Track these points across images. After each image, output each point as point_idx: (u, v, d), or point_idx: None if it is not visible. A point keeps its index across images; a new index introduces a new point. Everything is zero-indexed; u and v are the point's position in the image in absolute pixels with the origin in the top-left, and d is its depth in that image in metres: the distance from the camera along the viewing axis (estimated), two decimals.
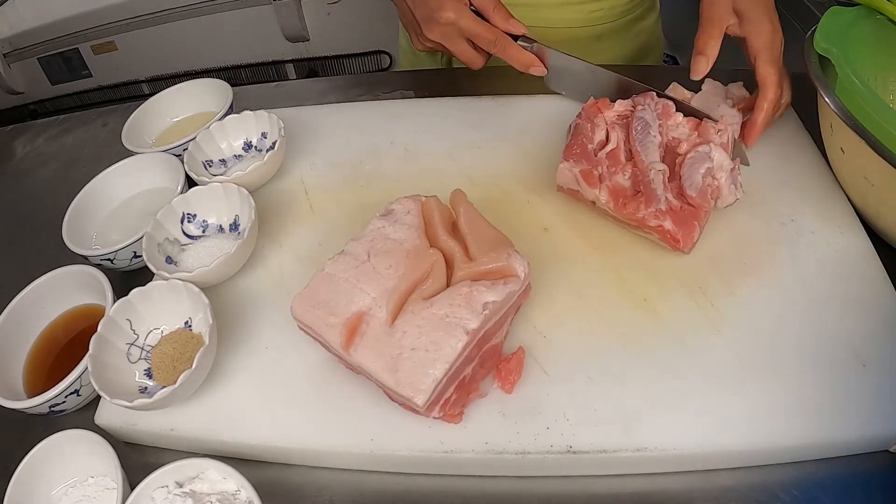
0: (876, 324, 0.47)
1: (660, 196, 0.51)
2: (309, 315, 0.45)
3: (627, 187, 0.53)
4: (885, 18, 0.54)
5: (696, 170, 0.52)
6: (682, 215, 0.51)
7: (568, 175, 0.55)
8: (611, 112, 0.59)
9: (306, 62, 1.80)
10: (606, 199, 0.53)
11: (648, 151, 0.54)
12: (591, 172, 0.53)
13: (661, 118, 0.56)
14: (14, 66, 1.71)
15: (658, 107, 0.57)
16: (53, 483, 0.45)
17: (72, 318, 0.56)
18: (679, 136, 0.56)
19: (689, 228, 0.50)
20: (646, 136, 0.55)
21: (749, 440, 0.42)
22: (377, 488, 0.45)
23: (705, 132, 0.55)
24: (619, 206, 0.52)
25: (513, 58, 0.64)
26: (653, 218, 0.50)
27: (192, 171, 0.61)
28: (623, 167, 0.54)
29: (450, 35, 0.63)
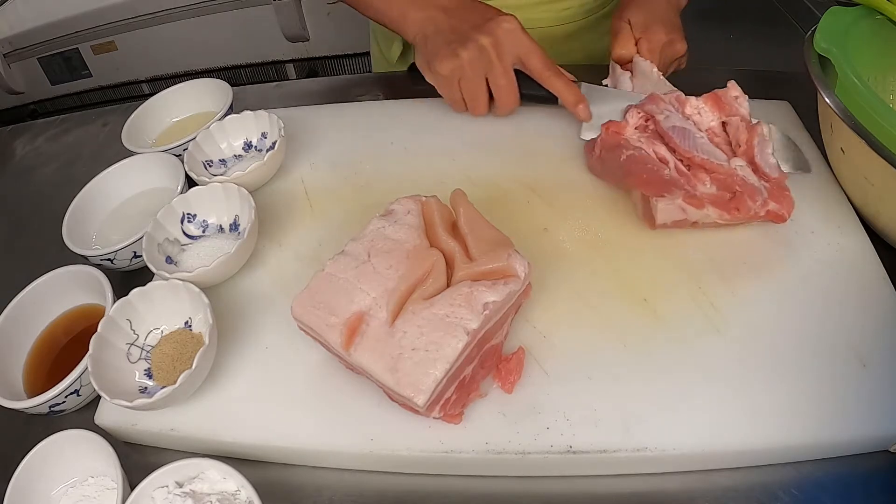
0: (876, 324, 0.47)
1: (759, 188, 0.51)
2: (309, 315, 0.45)
3: (717, 192, 0.52)
4: (885, 18, 0.54)
5: (766, 153, 0.53)
6: (776, 191, 0.51)
7: (673, 210, 0.52)
8: (631, 131, 0.56)
9: (306, 62, 1.80)
10: (718, 213, 0.51)
11: (713, 152, 0.53)
12: (693, 196, 0.51)
13: (685, 115, 0.56)
14: (14, 66, 1.71)
15: (675, 105, 0.56)
16: (53, 483, 0.45)
17: (72, 318, 0.56)
18: (710, 129, 0.56)
19: (787, 199, 0.51)
20: (696, 140, 0.54)
21: (749, 440, 0.42)
22: (377, 488, 0.45)
23: (727, 104, 0.55)
24: (732, 214, 0.51)
25: (564, 90, 0.61)
26: (761, 208, 0.51)
27: (192, 171, 0.61)
28: (697, 174, 0.53)
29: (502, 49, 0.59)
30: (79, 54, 1.71)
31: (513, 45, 0.60)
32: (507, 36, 0.59)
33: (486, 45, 0.59)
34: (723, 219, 0.52)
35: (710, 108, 0.56)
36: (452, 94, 0.63)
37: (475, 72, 0.60)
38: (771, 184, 0.52)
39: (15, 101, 1.79)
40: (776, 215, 0.51)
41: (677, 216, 0.52)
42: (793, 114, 0.64)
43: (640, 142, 0.55)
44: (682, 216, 0.52)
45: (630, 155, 0.54)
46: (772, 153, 0.53)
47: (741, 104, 0.55)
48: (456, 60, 0.60)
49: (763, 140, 0.53)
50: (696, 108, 0.56)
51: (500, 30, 0.59)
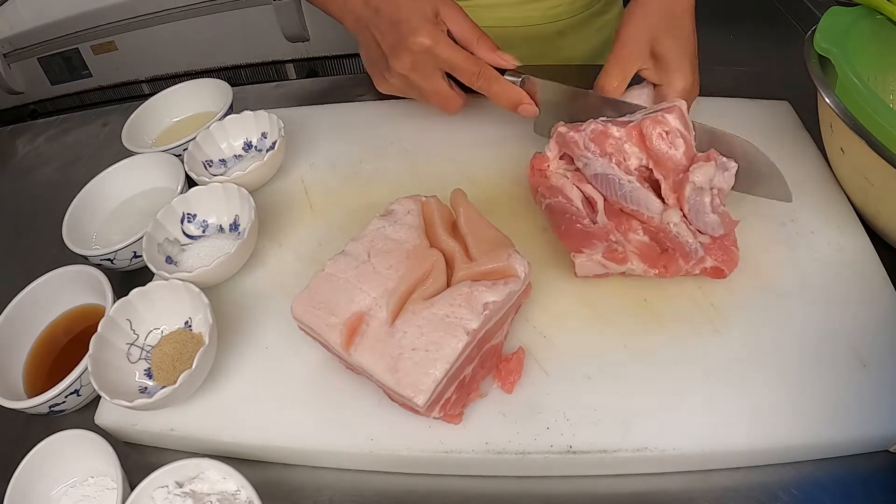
0: (876, 324, 0.47)
1: (693, 247, 0.47)
2: (309, 315, 0.45)
3: (650, 243, 0.48)
4: (885, 18, 0.54)
5: (703, 211, 0.47)
6: (717, 247, 0.48)
7: (591, 265, 0.48)
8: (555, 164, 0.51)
9: (306, 62, 1.80)
10: (643, 268, 0.48)
11: (644, 202, 0.48)
12: (615, 250, 0.47)
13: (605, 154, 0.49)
14: (14, 66, 1.71)
15: (591, 147, 0.49)
16: (53, 483, 0.45)
17: (72, 318, 0.56)
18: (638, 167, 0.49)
19: (730, 254, 0.48)
20: (622, 188, 0.48)
21: (749, 440, 0.42)
22: (377, 488, 0.45)
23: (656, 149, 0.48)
24: (660, 272, 0.48)
25: (499, 95, 0.56)
26: (695, 267, 0.47)
27: (192, 171, 0.61)
28: (629, 222, 0.48)
29: (423, 67, 0.55)
30: (79, 54, 1.71)
31: (432, 63, 0.56)
32: (422, 57, 0.55)
33: (405, 72, 0.56)
34: (648, 274, 0.48)
35: (634, 144, 0.49)
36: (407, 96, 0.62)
37: (411, 90, 0.59)
38: (714, 239, 0.48)
39: (15, 101, 1.79)
40: (715, 271, 0.47)
41: (598, 270, 0.48)
42: (793, 114, 0.64)
43: (565, 178, 0.50)
44: (604, 271, 0.48)
45: (548, 204, 0.50)
46: (710, 209, 0.47)
47: (673, 143, 0.47)
48: (388, 84, 0.60)
49: (697, 196, 0.46)
50: (618, 141, 0.49)
51: (409, 55, 0.55)
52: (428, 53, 0.54)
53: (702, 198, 0.47)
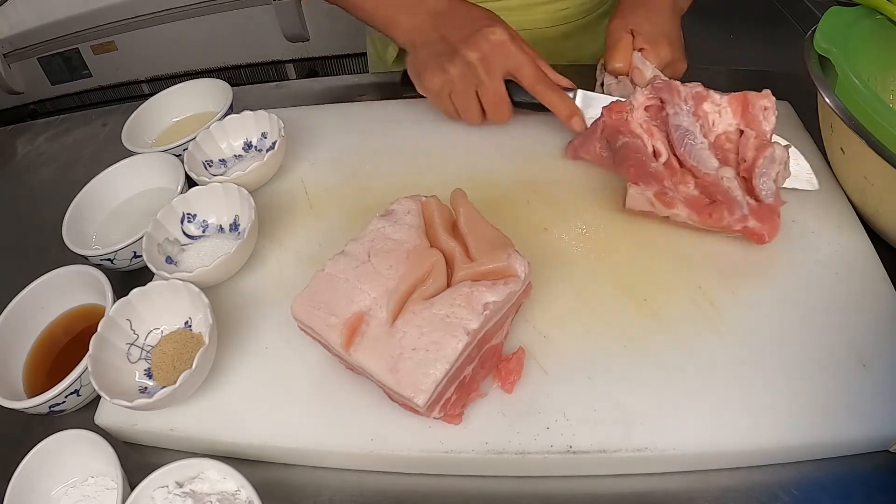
0: (876, 324, 0.47)
1: (741, 202, 0.50)
2: (309, 315, 0.45)
3: (698, 196, 0.52)
4: (885, 18, 0.54)
5: (767, 177, 0.51)
6: (763, 212, 0.51)
7: (641, 199, 0.53)
8: (638, 114, 0.55)
9: (306, 62, 1.80)
10: (687, 213, 0.52)
11: (704, 158, 0.52)
12: (665, 193, 0.52)
13: (697, 114, 0.54)
14: (14, 66, 1.71)
15: (689, 103, 0.54)
16: (53, 483, 0.45)
17: (72, 318, 0.56)
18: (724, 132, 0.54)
19: (773, 223, 0.50)
20: (693, 146, 0.53)
21: (749, 440, 0.42)
22: (377, 488, 0.45)
23: (753, 118, 0.53)
24: (703, 219, 0.51)
25: (557, 103, 0.59)
26: (738, 222, 0.50)
27: (192, 171, 0.61)
28: (682, 177, 0.53)
29: (492, 61, 0.57)
30: (79, 54, 1.71)
31: (502, 58, 0.58)
32: (495, 49, 0.57)
33: (474, 60, 0.57)
34: (692, 220, 0.51)
35: (731, 111, 0.54)
36: (444, 106, 0.62)
37: (465, 87, 0.59)
38: (761, 204, 0.51)
39: (15, 101, 1.79)
40: (755, 234, 0.51)
41: (645, 207, 0.53)
42: (793, 114, 0.64)
43: (640, 128, 0.54)
44: (650, 208, 0.52)
45: (625, 142, 0.54)
46: (775, 179, 0.51)
47: (767, 118, 0.53)
48: (444, 76, 0.59)
49: (769, 162, 0.51)
50: (717, 107, 0.54)
51: (486, 43, 0.57)
52: (502, 47, 0.57)
53: (772, 165, 0.51)
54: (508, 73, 0.59)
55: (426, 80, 0.60)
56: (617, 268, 0.52)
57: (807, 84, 0.53)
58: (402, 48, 0.82)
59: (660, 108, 0.55)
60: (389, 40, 0.82)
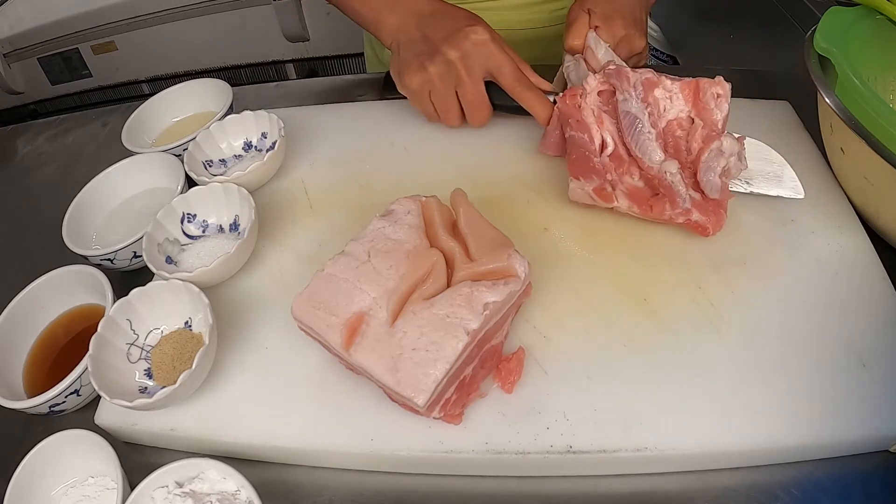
0: (876, 324, 0.47)
1: (683, 196, 0.51)
2: (309, 315, 0.45)
3: (642, 187, 0.53)
4: (885, 18, 0.54)
5: (712, 172, 0.51)
6: (709, 206, 0.51)
7: (581, 193, 0.54)
8: (591, 99, 0.54)
9: (306, 62, 1.80)
10: (628, 205, 0.53)
11: (649, 151, 0.52)
12: (603, 188, 0.53)
13: (646, 101, 0.52)
14: (14, 66, 1.71)
15: (639, 88, 0.52)
16: (53, 483, 0.45)
17: (72, 318, 0.56)
18: (676, 118, 0.52)
19: (718, 216, 0.51)
20: (639, 134, 0.52)
21: (749, 440, 0.42)
22: (377, 488, 0.45)
23: (704, 106, 0.51)
24: (644, 211, 0.52)
25: (534, 104, 0.59)
26: (680, 216, 0.51)
27: (192, 171, 0.61)
28: (629, 167, 0.53)
29: (472, 60, 0.57)
30: (79, 54, 1.71)
31: (482, 58, 0.58)
32: (476, 49, 0.57)
33: (454, 59, 0.57)
34: (633, 212, 0.52)
35: (683, 97, 0.52)
36: (424, 106, 0.62)
37: (444, 86, 0.59)
38: (707, 198, 0.51)
39: (15, 101, 1.79)
40: (699, 227, 0.51)
41: (586, 200, 0.54)
42: (793, 114, 0.64)
43: (592, 115, 0.53)
44: (592, 202, 0.54)
45: (571, 136, 0.55)
46: (722, 173, 0.51)
47: (719, 106, 0.51)
48: (424, 75, 0.59)
49: (715, 156, 0.50)
50: (668, 93, 0.52)
51: (468, 42, 0.57)
52: (483, 47, 0.57)
53: (718, 159, 0.50)
54: (488, 74, 0.59)
55: (406, 78, 0.61)
56: (617, 268, 0.52)
57: (807, 84, 0.53)
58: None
59: (612, 94, 0.54)
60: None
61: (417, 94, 0.61)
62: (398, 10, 0.62)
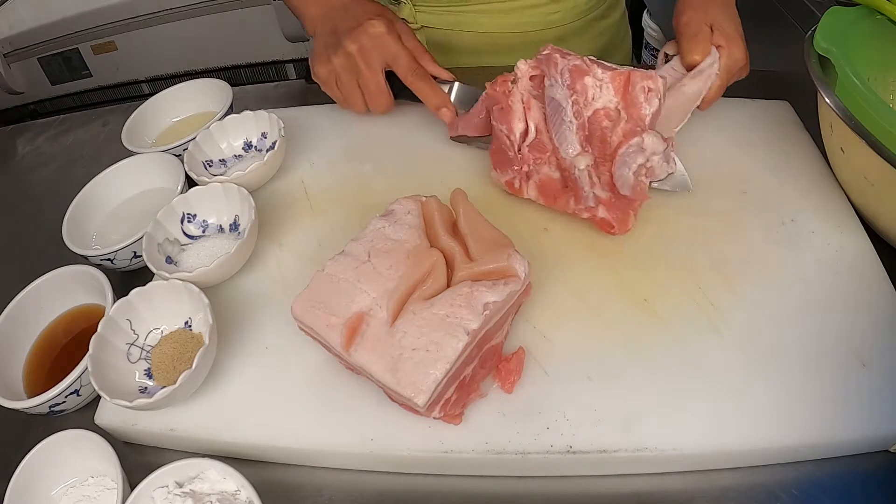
0: (876, 324, 0.47)
1: (587, 194, 0.51)
2: (309, 315, 0.45)
3: (557, 178, 0.54)
4: (885, 18, 0.54)
5: (627, 167, 0.49)
6: (616, 204, 0.51)
7: (499, 183, 0.57)
8: (522, 84, 0.53)
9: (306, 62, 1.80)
10: (535, 195, 0.55)
11: (566, 140, 0.51)
12: (513, 182, 0.56)
13: (573, 89, 0.50)
14: (14, 66, 1.71)
15: (566, 76, 0.50)
16: (53, 483, 0.45)
17: (72, 318, 0.56)
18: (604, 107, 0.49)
19: (624, 216, 0.51)
20: (560, 122, 0.51)
21: (749, 440, 0.42)
22: (377, 488, 0.45)
23: (633, 100, 0.48)
24: (548, 202, 0.54)
25: (426, 94, 0.61)
26: (584, 212, 0.52)
27: (192, 171, 0.61)
28: (549, 157, 0.53)
29: (370, 52, 0.61)
30: (79, 54, 1.71)
31: (379, 50, 0.61)
32: (373, 41, 0.60)
33: (353, 51, 0.61)
34: (539, 202, 0.55)
35: (613, 88, 0.49)
36: (332, 94, 0.65)
37: (347, 76, 0.63)
38: (617, 196, 0.50)
39: (15, 101, 1.79)
40: (604, 224, 0.52)
41: (504, 188, 0.57)
42: (793, 114, 0.64)
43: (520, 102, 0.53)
44: (508, 190, 0.57)
45: (493, 125, 0.56)
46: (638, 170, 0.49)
47: (648, 100, 0.48)
48: (329, 65, 0.63)
49: (634, 152, 0.49)
50: (599, 82, 0.49)
51: (365, 36, 0.60)
52: (379, 40, 0.60)
53: (636, 155, 0.50)
54: (387, 65, 0.62)
55: (316, 68, 0.64)
56: (617, 268, 0.52)
57: (807, 84, 0.53)
58: None
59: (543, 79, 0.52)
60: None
61: (325, 83, 0.65)
62: (318, 1, 0.66)
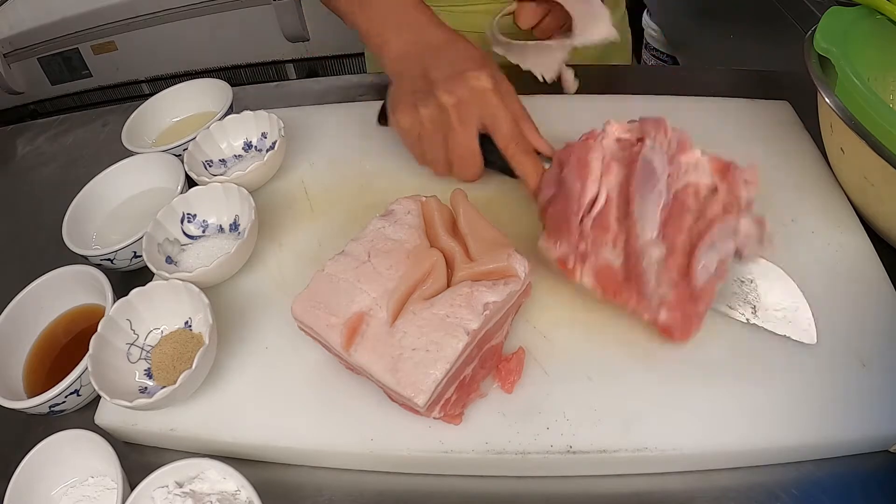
0: (876, 324, 0.47)
1: (651, 294, 0.44)
2: (309, 315, 0.45)
3: (618, 267, 0.45)
4: (885, 18, 0.54)
5: (716, 251, 0.43)
6: (682, 310, 0.44)
7: (549, 256, 0.48)
8: (608, 142, 0.47)
9: (306, 62, 1.80)
10: (592, 283, 0.46)
11: (647, 215, 0.44)
12: (566, 260, 0.46)
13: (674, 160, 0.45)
14: (14, 66, 1.71)
15: (672, 143, 0.45)
16: (53, 483, 0.45)
17: (72, 318, 0.56)
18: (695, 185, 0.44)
19: (688, 323, 0.44)
20: (648, 192, 0.44)
21: (749, 440, 0.42)
22: (377, 488, 0.45)
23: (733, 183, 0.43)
24: (608, 295, 0.46)
25: (525, 168, 0.52)
26: (647, 312, 0.45)
27: (192, 171, 0.61)
28: (615, 235, 0.45)
29: (467, 108, 0.51)
30: (79, 54, 1.71)
31: (478, 108, 0.52)
32: (475, 96, 0.51)
33: (448, 104, 0.51)
34: (595, 291, 0.46)
35: (710, 171, 0.45)
36: (412, 149, 0.57)
37: (434, 132, 0.54)
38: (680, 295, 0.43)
39: (15, 101, 1.79)
40: (665, 329, 0.44)
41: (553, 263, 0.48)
42: (793, 114, 0.64)
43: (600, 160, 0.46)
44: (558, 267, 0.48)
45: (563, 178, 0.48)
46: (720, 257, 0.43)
47: (748, 190, 0.44)
48: (415, 115, 0.53)
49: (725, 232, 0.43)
50: (695, 162, 0.45)
51: (466, 88, 0.51)
52: (482, 97, 0.51)
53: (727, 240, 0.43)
54: (483, 126, 0.53)
55: (397, 115, 0.55)
56: None
57: (807, 84, 0.53)
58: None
59: (633, 144, 0.47)
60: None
61: (407, 134, 0.56)
62: (403, 35, 0.55)
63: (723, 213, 0.43)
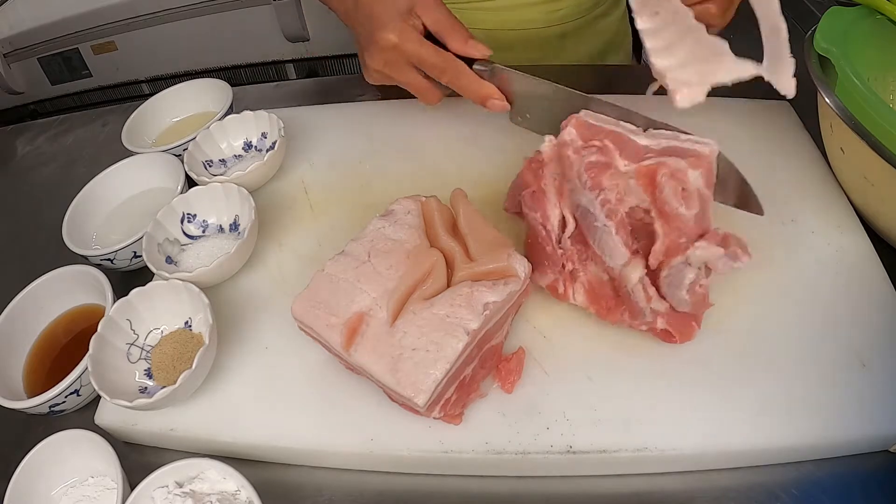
0: (876, 324, 0.47)
1: (643, 310, 0.44)
2: (309, 315, 0.45)
3: (606, 282, 0.46)
4: (885, 18, 0.54)
5: (681, 284, 0.42)
6: (677, 318, 0.45)
7: (542, 284, 0.48)
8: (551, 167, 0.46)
9: (306, 62, 1.80)
10: (585, 302, 0.47)
11: (608, 248, 0.43)
12: (556, 286, 0.47)
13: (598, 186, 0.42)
14: (14, 66, 1.71)
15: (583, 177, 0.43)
16: (53, 483, 0.45)
17: (72, 318, 0.56)
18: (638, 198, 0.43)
19: (687, 329, 0.45)
20: (595, 231, 0.43)
21: (749, 440, 0.42)
22: (377, 488, 0.45)
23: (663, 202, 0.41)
24: (601, 314, 0.46)
25: (466, 89, 0.55)
26: (640, 326, 0.45)
27: (192, 171, 0.61)
28: (594, 253, 0.45)
29: (394, 62, 0.55)
30: (79, 54, 1.71)
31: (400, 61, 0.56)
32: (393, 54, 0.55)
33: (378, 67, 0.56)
34: (589, 310, 0.47)
35: (640, 186, 0.42)
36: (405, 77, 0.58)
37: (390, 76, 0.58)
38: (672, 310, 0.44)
39: (15, 101, 1.79)
40: (665, 334, 0.45)
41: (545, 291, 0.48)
42: (793, 114, 0.64)
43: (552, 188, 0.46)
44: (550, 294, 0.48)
45: (526, 214, 0.48)
46: (686, 286, 0.42)
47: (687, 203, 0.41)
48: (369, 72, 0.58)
49: (677, 273, 0.42)
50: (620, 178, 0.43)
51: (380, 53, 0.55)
52: (396, 49, 0.55)
53: (684, 274, 0.42)
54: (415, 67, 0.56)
55: (365, 73, 0.60)
56: None
57: (807, 84, 0.53)
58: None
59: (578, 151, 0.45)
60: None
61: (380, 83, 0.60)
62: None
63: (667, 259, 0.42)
